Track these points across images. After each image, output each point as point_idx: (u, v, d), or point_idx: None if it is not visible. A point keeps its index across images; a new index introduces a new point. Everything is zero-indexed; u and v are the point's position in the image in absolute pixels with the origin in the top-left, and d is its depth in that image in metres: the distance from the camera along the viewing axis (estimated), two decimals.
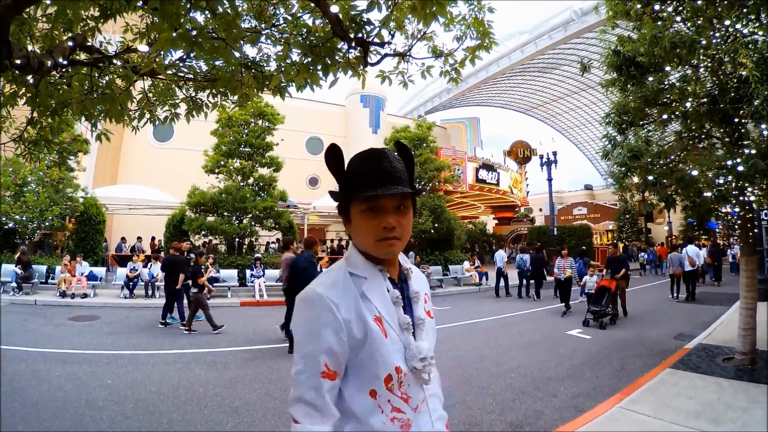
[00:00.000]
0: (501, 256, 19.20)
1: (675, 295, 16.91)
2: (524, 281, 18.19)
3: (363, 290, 1.39)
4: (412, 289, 1.56)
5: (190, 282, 11.16)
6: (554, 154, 25.32)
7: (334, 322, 1.29)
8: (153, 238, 24.40)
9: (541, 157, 25.73)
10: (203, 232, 19.07)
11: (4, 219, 17.20)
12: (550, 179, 25.46)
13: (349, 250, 1.51)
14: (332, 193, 1.52)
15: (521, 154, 43.88)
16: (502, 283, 18.33)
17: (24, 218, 17.33)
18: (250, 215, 19.55)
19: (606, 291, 11.78)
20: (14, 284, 14.73)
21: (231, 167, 19.74)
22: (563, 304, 13.80)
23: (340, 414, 1.32)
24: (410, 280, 1.58)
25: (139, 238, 23.48)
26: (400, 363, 1.38)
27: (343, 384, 1.34)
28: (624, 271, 12.87)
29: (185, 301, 11.80)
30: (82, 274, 15.47)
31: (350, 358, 1.33)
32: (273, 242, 24.46)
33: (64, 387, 6.33)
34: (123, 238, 23.51)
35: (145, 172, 27.88)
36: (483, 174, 31.84)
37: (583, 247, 21.81)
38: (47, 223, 17.97)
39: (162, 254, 20.80)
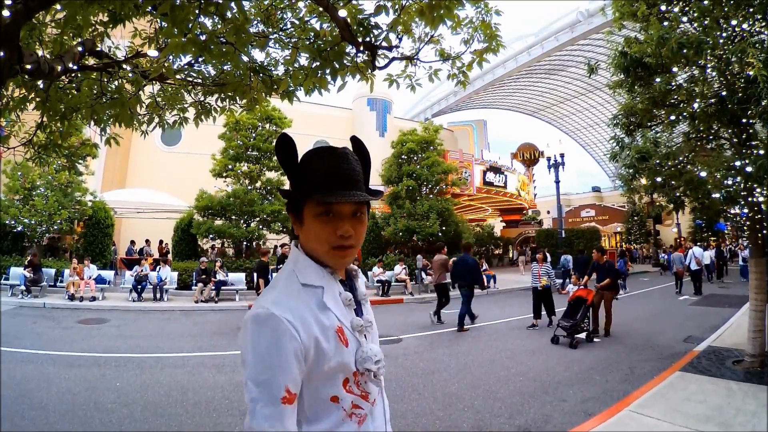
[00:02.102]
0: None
1: (679, 290, 18.94)
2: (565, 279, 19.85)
3: (323, 302, 1.31)
4: (361, 291, 1.51)
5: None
6: (561, 156, 25.15)
7: (293, 343, 1.18)
8: (161, 242, 24.48)
9: (549, 159, 25.57)
10: (211, 236, 19.13)
11: (13, 222, 17.31)
12: (557, 181, 25.30)
13: (295, 258, 1.40)
14: (283, 192, 1.42)
15: (528, 156, 43.77)
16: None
17: (33, 222, 17.42)
18: (258, 219, 19.59)
19: (582, 303, 9.97)
20: (23, 287, 14.80)
21: (239, 171, 19.83)
22: (533, 315, 11.88)
23: (300, 419, 1.24)
24: (357, 281, 1.53)
25: (147, 242, 23.63)
26: (357, 367, 1.34)
27: (302, 395, 1.25)
28: (609, 280, 10.72)
29: None
30: (90, 278, 15.54)
31: (310, 373, 1.24)
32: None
33: (72, 389, 6.37)
34: (132, 242, 23.62)
35: (153, 176, 28.00)
36: (490, 177, 31.72)
37: (623, 248, 22.92)
38: (56, 227, 18.06)
39: (170, 257, 20.94)
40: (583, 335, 9.89)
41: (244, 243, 19.93)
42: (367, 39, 3.90)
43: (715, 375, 6.79)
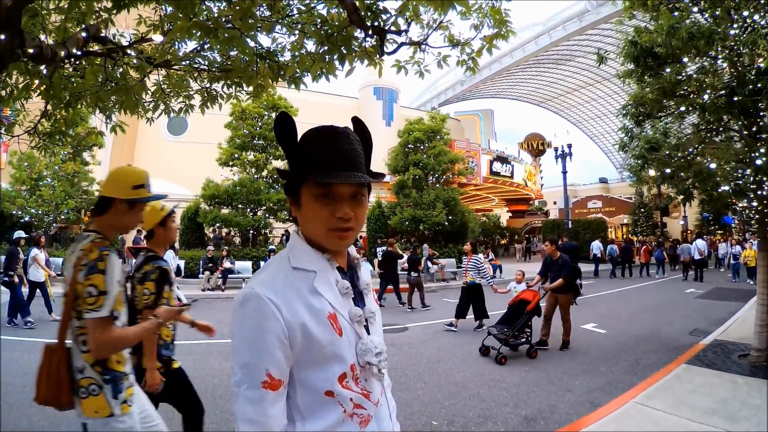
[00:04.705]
0: (598, 245, 23.82)
1: (685, 276, 22.12)
2: (614, 266, 23.87)
3: (314, 286, 1.25)
4: (363, 280, 1.46)
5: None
6: (569, 146, 25.00)
7: (276, 325, 1.14)
8: None
9: (556, 149, 25.44)
10: (218, 224, 19.19)
11: (20, 213, 17.39)
12: (564, 172, 25.15)
13: (292, 242, 1.35)
14: (280, 172, 1.37)
15: (535, 146, 43.60)
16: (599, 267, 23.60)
17: (40, 212, 17.50)
18: (264, 207, 19.61)
19: (524, 307, 7.96)
20: None
21: (245, 160, 19.84)
22: (458, 317, 10.09)
23: (295, 417, 1.21)
24: (359, 269, 1.47)
25: None
26: (354, 360, 1.28)
27: (294, 387, 1.21)
28: (562, 280, 8.35)
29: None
30: None
31: (299, 361, 1.20)
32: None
33: None
34: (139, 230, 23.67)
35: (160, 166, 28.01)
36: (497, 166, 31.65)
37: (664, 237, 25.05)
38: (63, 217, 18.13)
39: (176, 245, 21.02)
40: (524, 348, 8.00)
41: (251, 231, 19.97)
42: (376, 23, 3.85)
43: (721, 368, 6.75)
